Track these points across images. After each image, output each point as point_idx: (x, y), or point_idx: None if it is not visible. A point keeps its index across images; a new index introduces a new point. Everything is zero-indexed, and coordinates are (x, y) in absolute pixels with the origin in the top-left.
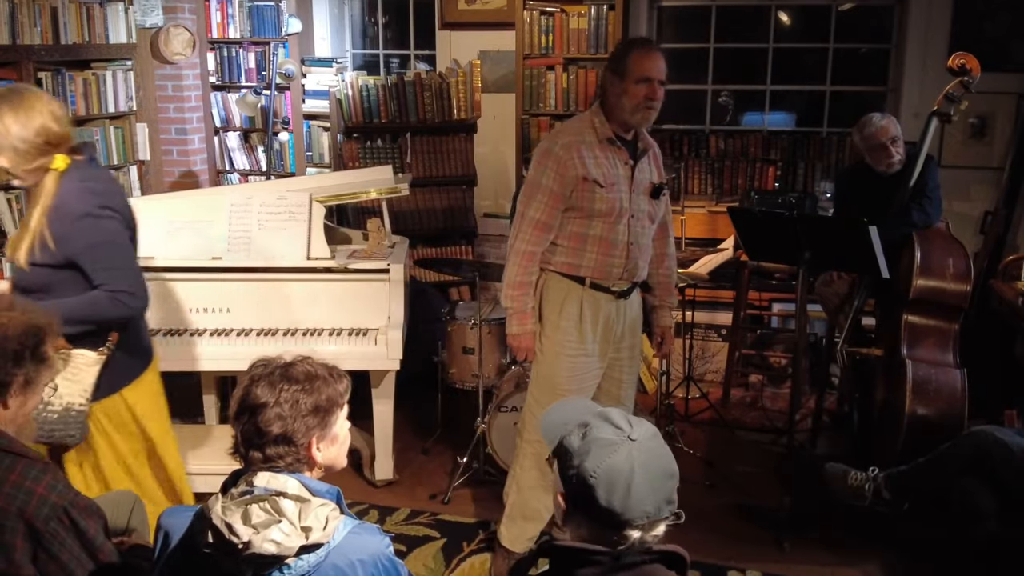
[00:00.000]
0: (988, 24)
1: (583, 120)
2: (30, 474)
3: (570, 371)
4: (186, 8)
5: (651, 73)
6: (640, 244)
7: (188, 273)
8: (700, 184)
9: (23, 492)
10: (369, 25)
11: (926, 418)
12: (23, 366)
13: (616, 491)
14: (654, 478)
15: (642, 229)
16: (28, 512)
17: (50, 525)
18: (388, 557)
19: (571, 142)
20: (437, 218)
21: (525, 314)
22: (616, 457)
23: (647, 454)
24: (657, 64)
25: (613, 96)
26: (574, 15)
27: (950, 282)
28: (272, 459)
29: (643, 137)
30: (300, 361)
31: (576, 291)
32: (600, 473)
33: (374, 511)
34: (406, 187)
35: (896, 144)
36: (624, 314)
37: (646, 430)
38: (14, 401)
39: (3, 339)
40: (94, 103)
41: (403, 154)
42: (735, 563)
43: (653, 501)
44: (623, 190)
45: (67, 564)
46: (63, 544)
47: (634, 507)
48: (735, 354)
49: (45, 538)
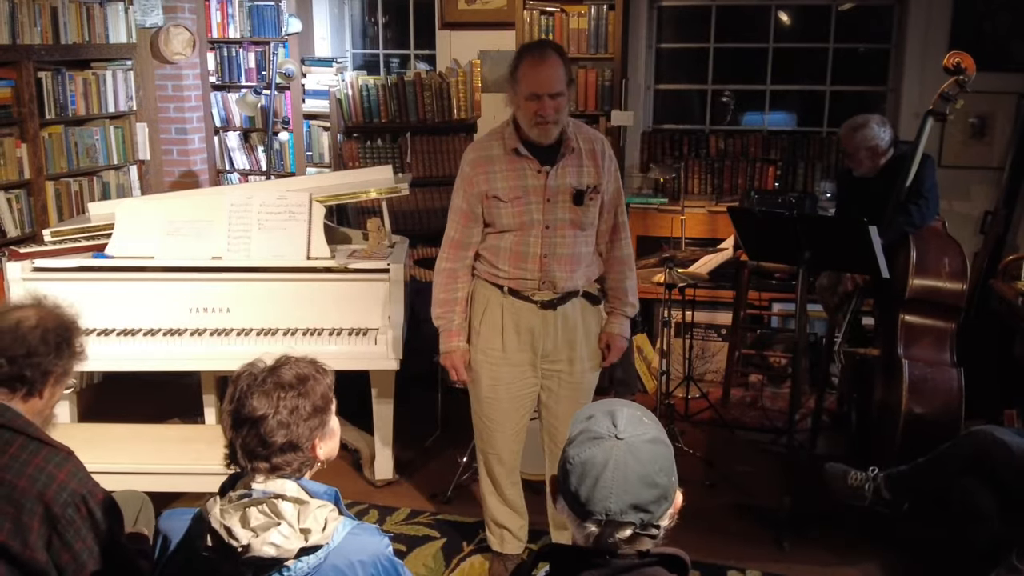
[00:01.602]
0: (988, 24)
1: (493, 133)
2: (53, 460)
3: (492, 379)
4: (186, 8)
5: (538, 88)
6: (558, 254)
7: (188, 273)
8: (700, 184)
9: (45, 475)
10: (369, 25)
11: (923, 417)
12: (63, 358)
13: (585, 481)
14: (627, 479)
15: (561, 239)
16: (48, 496)
17: (67, 511)
18: (388, 557)
19: (476, 158)
20: (437, 218)
21: (451, 332)
22: (595, 450)
23: (628, 455)
24: (546, 77)
25: (513, 107)
26: (574, 15)
27: (946, 281)
28: (280, 467)
29: (571, 137)
30: (285, 363)
31: (496, 297)
32: (576, 462)
33: (374, 511)
34: (406, 187)
35: (858, 155)
36: (556, 326)
37: (642, 434)
38: (48, 392)
39: (44, 331)
40: (94, 103)
41: (403, 154)
42: (735, 563)
43: (618, 501)
44: (533, 201)
45: (80, 554)
46: (78, 533)
47: (596, 501)
48: (735, 354)
49: (61, 523)
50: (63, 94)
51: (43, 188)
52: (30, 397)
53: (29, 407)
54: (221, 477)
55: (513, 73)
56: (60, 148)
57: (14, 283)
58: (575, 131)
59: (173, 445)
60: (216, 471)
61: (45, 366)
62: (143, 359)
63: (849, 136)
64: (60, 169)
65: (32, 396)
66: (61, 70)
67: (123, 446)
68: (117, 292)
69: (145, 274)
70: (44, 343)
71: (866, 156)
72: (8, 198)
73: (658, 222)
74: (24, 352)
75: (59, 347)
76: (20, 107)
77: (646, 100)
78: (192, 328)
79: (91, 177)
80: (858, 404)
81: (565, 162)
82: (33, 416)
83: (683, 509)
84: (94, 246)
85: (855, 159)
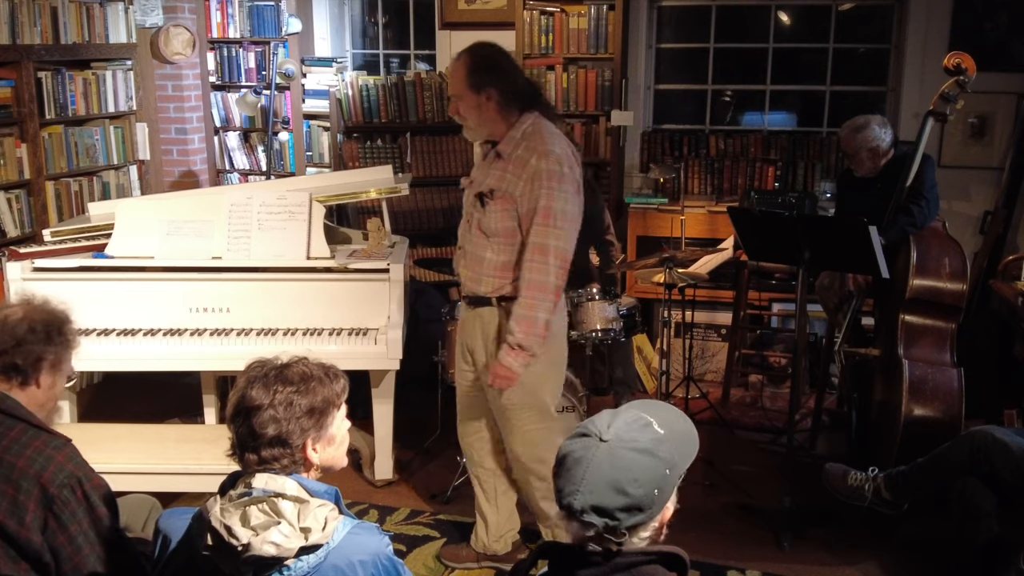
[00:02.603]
0: (987, 24)
1: None
2: (52, 443)
3: (457, 375)
4: (186, 8)
5: (448, 88)
6: (466, 250)
7: (188, 273)
8: (700, 184)
9: (43, 457)
10: (369, 25)
11: (923, 417)
12: (54, 344)
13: (560, 471)
14: (597, 479)
15: (469, 235)
16: (45, 476)
17: (63, 492)
18: (388, 557)
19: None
20: (437, 218)
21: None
22: (577, 445)
23: (605, 458)
24: (450, 78)
25: None
26: (574, 15)
27: (946, 281)
28: (267, 461)
29: (507, 144)
30: (296, 362)
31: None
32: (561, 452)
33: (374, 511)
34: (406, 187)
35: (859, 155)
36: (475, 326)
37: (631, 441)
38: (45, 381)
39: (32, 323)
40: (94, 103)
41: (403, 154)
42: (735, 563)
43: (581, 499)
44: (468, 190)
45: (75, 537)
46: (73, 515)
47: (564, 493)
48: (735, 354)
49: (56, 504)
50: (63, 94)
51: (43, 188)
52: (27, 386)
53: (29, 397)
54: (221, 477)
55: None
56: (60, 148)
57: (14, 283)
58: (524, 140)
59: (173, 445)
60: (216, 471)
61: (36, 353)
62: (143, 359)
63: (850, 137)
64: (60, 169)
65: (28, 384)
66: (61, 70)
67: (123, 446)
68: (117, 292)
69: (145, 274)
70: (32, 332)
71: (867, 157)
72: (8, 198)
73: (658, 222)
74: (13, 343)
75: (48, 335)
76: (20, 107)
77: (646, 100)
78: (192, 328)
79: (91, 177)
80: (858, 404)
81: (492, 162)
82: (36, 408)
83: (683, 509)
84: (94, 246)
85: (856, 160)
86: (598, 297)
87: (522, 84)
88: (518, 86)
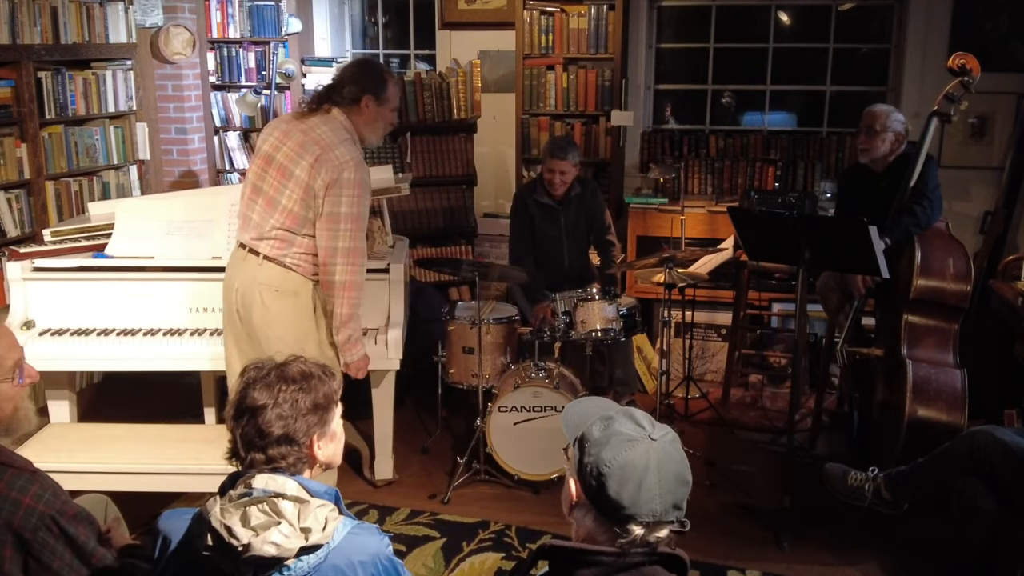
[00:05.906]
0: (988, 24)
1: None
2: (16, 484)
3: None
4: (186, 8)
5: None
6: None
7: (188, 273)
8: (700, 184)
9: (9, 503)
10: (369, 25)
11: (926, 418)
12: None
13: (627, 485)
14: (667, 480)
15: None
16: (15, 523)
17: (39, 535)
18: (388, 557)
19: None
20: (437, 218)
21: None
22: (633, 452)
23: (664, 456)
24: None
25: None
26: (574, 15)
27: (950, 282)
28: (275, 460)
29: (322, 139)
30: (293, 361)
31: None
32: (615, 465)
33: (374, 511)
34: (406, 187)
35: (883, 134)
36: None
37: (666, 433)
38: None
39: None
40: (94, 103)
41: (403, 154)
42: (735, 563)
43: (661, 502)
44: None
45: (59, 572)
46: (54, 552)
47: (642, 504)
48: (735, 354)
49: (34, 548)
50: (63, 94)
51: (43, 188)
52: None
53: None
54: (221, 477)
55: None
56: (60, 148)
57: (14, 283)
58: (340, 143)
59: (173, 445)
60: (216, 471)
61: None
62: (143, 359)
63: (884, 115)
64: (60, 169)
65: None
66: (61, 70)
67: (123, 446)
68: (117, 292)
69: (145, 274)
70: None
71: (889, 140)
72: (8, 198)
73: (658, 222)
74: None
75: None
76: (20, 107)
77: (646, 100)
78: (192, 328)
79: (91, 177)
80: (859, 404)
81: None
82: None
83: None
84: (94, 246)
85: (875, 141)
86: (598, 297)
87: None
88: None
